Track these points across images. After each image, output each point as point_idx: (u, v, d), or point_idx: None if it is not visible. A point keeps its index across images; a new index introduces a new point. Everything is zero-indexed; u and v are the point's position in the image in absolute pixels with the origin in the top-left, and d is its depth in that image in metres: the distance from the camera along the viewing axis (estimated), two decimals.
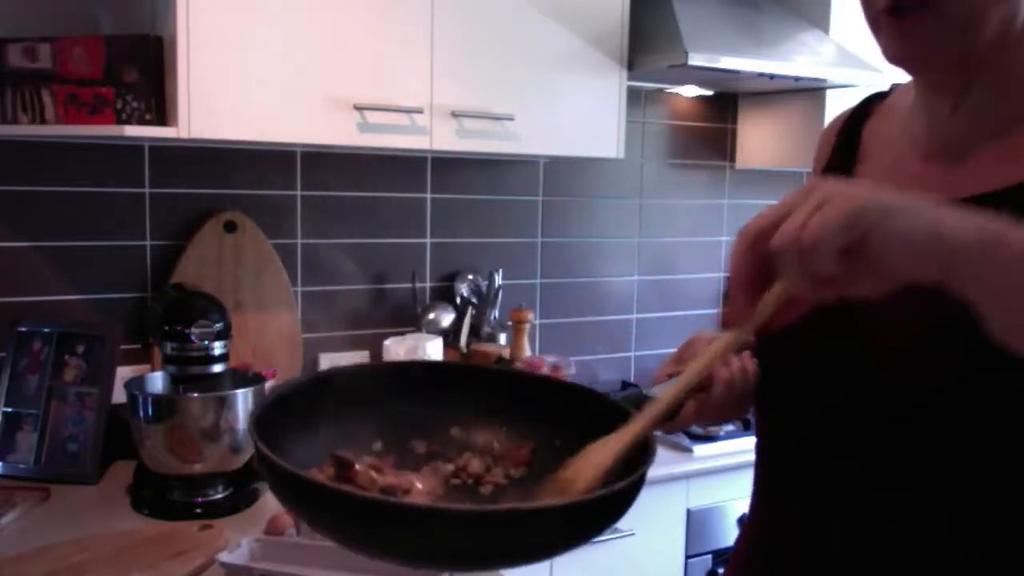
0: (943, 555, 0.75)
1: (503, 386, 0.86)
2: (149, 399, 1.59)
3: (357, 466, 0.76)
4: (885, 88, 0.97)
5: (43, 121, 1.68)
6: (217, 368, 1.66)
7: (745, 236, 0.62)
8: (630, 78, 2.12)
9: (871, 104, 0.95)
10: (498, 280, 2.27)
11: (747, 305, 0.64)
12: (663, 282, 2.68)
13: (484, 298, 2.27)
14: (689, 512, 2.03)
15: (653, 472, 0.69)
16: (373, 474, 0.76)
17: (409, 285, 2.25)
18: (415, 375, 0.89)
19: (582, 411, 0.81)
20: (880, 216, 0.56)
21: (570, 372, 2.09)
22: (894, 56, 0.78)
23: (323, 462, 0.77)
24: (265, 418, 0.74)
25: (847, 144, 0.93)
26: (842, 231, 0.56)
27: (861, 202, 0.57)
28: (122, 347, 1.83)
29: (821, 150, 1.01)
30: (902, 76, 0.90)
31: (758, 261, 0.61)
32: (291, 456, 0.70)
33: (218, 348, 1.65)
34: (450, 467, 0.81)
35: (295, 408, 0.80)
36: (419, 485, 0.77)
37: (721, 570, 2.07)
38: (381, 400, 0.84)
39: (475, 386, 0.86)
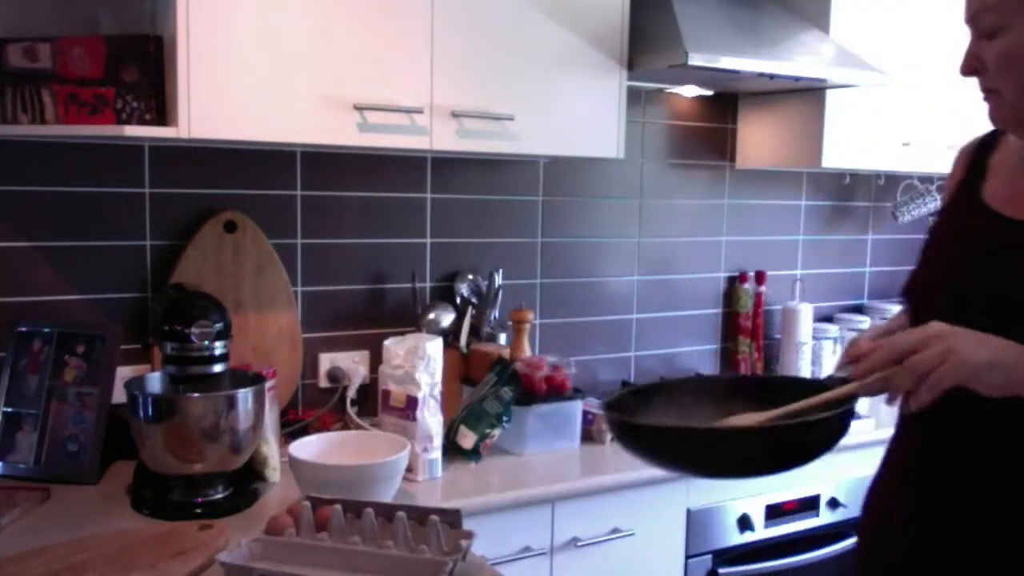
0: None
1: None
2: (149, 399, 1.59)
3: None
4: None
5: (43, 121, 1.68)
6: (217, 368, 1.66)
7: (895, 349, 1.04)
8: (630, 78, 2.12)
9: (997, 136, 1.27)
10: (498, 280, 2.27)
11: (866, 374, 1.07)
12: (663, 282, 2.68)
13: (484, 298, 2.27)
14: (689, 512, 2.03)
15: (653, 472, 0.71)
16: None
17: (409, 285, 2.25)
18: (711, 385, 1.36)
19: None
20: (976, 375, 1.01)
21: (570, 372, 2.09)
22: (992, 120, 1.19)
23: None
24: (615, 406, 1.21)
25: (978, 168, 1.26)
26: (951, 382, 1.01)
27: (969, 366, 1.01)
28: (122, 347, 1.83)
29: (955, 171, 1.33)
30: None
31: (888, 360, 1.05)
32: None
33: (218, 348, 1.65)
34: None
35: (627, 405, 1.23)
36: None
37: (722, 570, 2.08)
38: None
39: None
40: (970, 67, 1.14)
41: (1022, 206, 1.16)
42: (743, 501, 2.10)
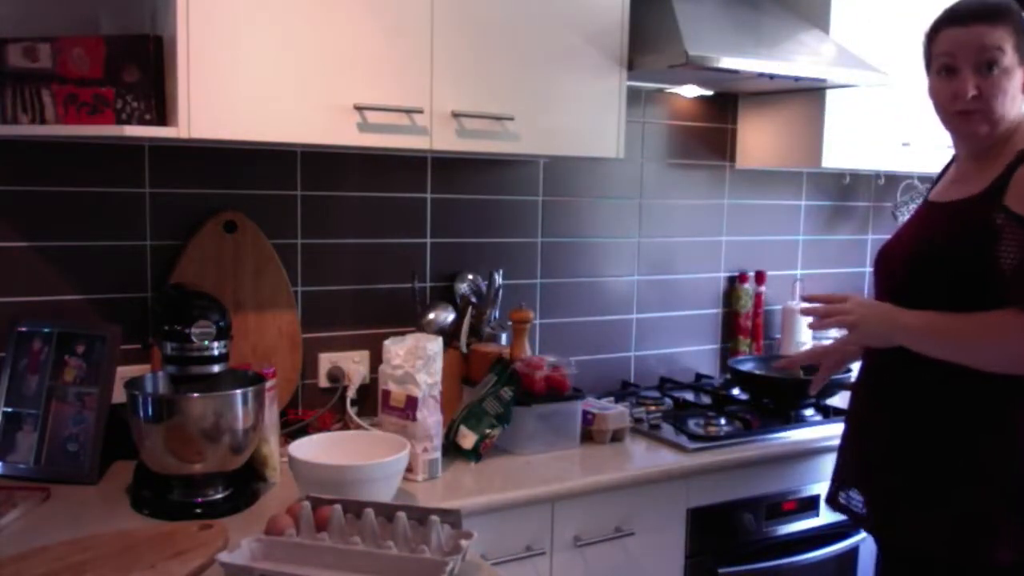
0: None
1: None
2: (149, 399, 1.60)
3: None
4: None
5: (43, 121, 1.68)
6: (217, 368, 1.67)
7: (833, 303, 1.67)
8: (630, 78, 2.12)
9: (949, 165, 1.79)
10: (498, 280, 2.27)
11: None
12: (663, 282, 2.68)
13: (484, 298, 2.27)
14: (689, 512, 2.03)
15: (653, 472, 0.70)
16: None
17: (409, 285, 2.25)
18: None
19: None
20: (865, 326, 1.61)
21: (570, 372, 2.09)
22: (974, 135, 1.60)
23: None
24: None
25: (933, 185, 1.79)
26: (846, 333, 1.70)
27: (855, 329, 1.63)
28: (122, 347, 1.83)
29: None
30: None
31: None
32: None
33: (218, 348, 1.66)
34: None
35: None
36: None
37: (722, 570, 2.08)
38: None
39: None
40: (974, 96, 1.54)
41: (944, 195, 1.66)
42: (743, 501, 2.10)
